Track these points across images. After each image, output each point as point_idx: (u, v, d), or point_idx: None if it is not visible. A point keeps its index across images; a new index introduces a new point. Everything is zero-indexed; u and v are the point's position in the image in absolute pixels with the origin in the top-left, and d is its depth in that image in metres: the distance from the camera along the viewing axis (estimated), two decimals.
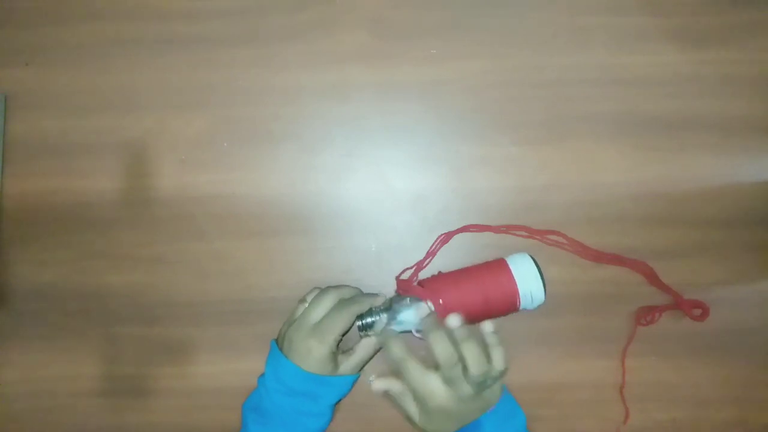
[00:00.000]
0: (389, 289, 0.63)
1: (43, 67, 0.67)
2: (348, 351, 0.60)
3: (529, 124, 0.65)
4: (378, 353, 0.60)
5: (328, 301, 0.58)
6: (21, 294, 0.65)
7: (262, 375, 0.60)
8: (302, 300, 0.60)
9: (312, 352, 0.56)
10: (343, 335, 0.58)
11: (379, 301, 0.59)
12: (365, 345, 0.59)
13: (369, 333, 0.58)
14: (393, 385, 0.56)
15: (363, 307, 0.58)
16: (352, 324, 0.58)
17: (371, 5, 0.67)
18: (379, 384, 0.56)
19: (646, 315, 0.63)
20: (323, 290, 0.60)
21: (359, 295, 0.60)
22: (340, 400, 0.60)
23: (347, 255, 0.65)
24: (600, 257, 0.64)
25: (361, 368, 0.61)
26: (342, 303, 0.58)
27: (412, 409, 0.56)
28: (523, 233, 0.64)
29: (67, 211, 0.66)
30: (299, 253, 0.65)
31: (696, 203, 0.65)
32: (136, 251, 0.65)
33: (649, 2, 0.66)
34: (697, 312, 0.64)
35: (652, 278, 0.64)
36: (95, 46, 0.67)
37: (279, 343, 0.60)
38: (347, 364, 0.59)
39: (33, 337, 0.65)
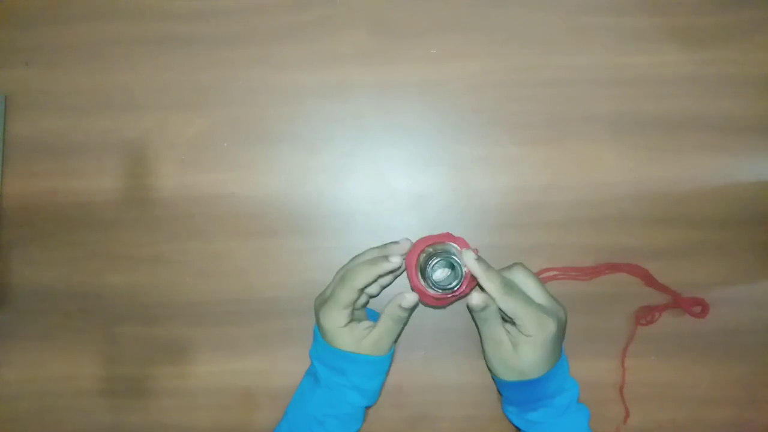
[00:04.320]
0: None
1: (43, 67, 0.67)
2: (371, 325, 0.56)
3: (529, 124, 0.65)
4: (405, 325, 0.57)
5: (343, 270, 0.57)
6: (21, 294, 0.65)
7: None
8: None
9: (324, 324, 0.55)
10: (355, 306, 0.56)
11: (386, 267, 0.54)
12: (384, 320, 0.55)
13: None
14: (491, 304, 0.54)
15: (365, 277, 0.54)
16: (358, 296, 0.55)
17: (371, 5, 0.67)
18: (477, 299, 0.53)
19: (646, 315, 0.63)
20: (354, 257, 0.58)
21: (365, 263, 0.55)
22: (384, 375, 0.59)
23: (347, 255, 0.64)
24: (597, 272, 0.64)
25: (388, 346, 0.57)
26: (347, 272, 0.55)
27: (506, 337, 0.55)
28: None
29: (67, 211, 0.66)
30: (299, 253, 0.65)
31: (696, 203, 0.65)
32: (136, 251, 0.65)
33: (649, 2, 0.66)
34: (697, 309, 0.64)
35: (649, 280, 0.64)
36: (95, 46, 0.67)
37: None
38: (368, 342, 0.55)
39: (33, 337, 0.65)
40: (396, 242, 0.58)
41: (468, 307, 0.55)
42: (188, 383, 0.65)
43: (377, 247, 0.58)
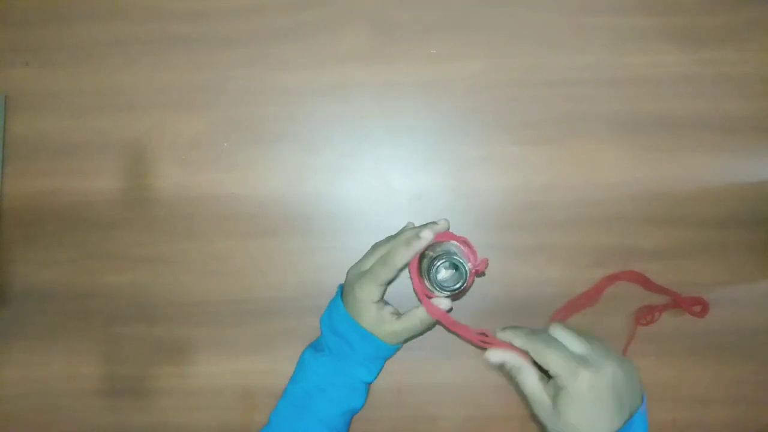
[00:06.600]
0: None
1: (43, 67, 0.67)
2: (398, 315, 0.57)
3: (529, 124, 0.65)
4: (428, 331, 0.58)
5: (383, 248, 0.57)
6: (21, 294, 0.66)
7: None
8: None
9: (359, 295, 0.56)
10: (389, 283, 0.56)
11: (420, 245, 0.53)
12: (413, 316, 0.56)
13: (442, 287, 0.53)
14: (513, 358, 0.49)
15: (404, 257, 0.53)
16: (396, 274, 0.55)
17: (371, 5, 0.67)
18: (494, 355, 0.49)
19: (646, 315, 0.63)
20: (391, 236, 0.59)
21: (403, 244, 0.54)
22: (383, 361, 0.60)
23: (347, 255, 0.64)
24: (598, 290, 0.64)
25: (402, 340, 0.58)
26: (388, 254, 0.55)
27: (543, 395, 0.48)
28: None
29: (67, 211, 0.66)
30: (299, 253, 0.65)
31: (696, 203, 0.65)
32: (136, 251, 0.65)
33: (649, 2, 0.66)
34: (697, 308, 0.64)
35: (648, 284, 0.64)
36: (95, 46, 0.67)
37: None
38: (388, 327, 0.56)
39: (33, 337, 0.65)
40: (435, 223, 0.57)
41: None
42: (188, 383, 0.65)
43: (415, 228, 0.58)
